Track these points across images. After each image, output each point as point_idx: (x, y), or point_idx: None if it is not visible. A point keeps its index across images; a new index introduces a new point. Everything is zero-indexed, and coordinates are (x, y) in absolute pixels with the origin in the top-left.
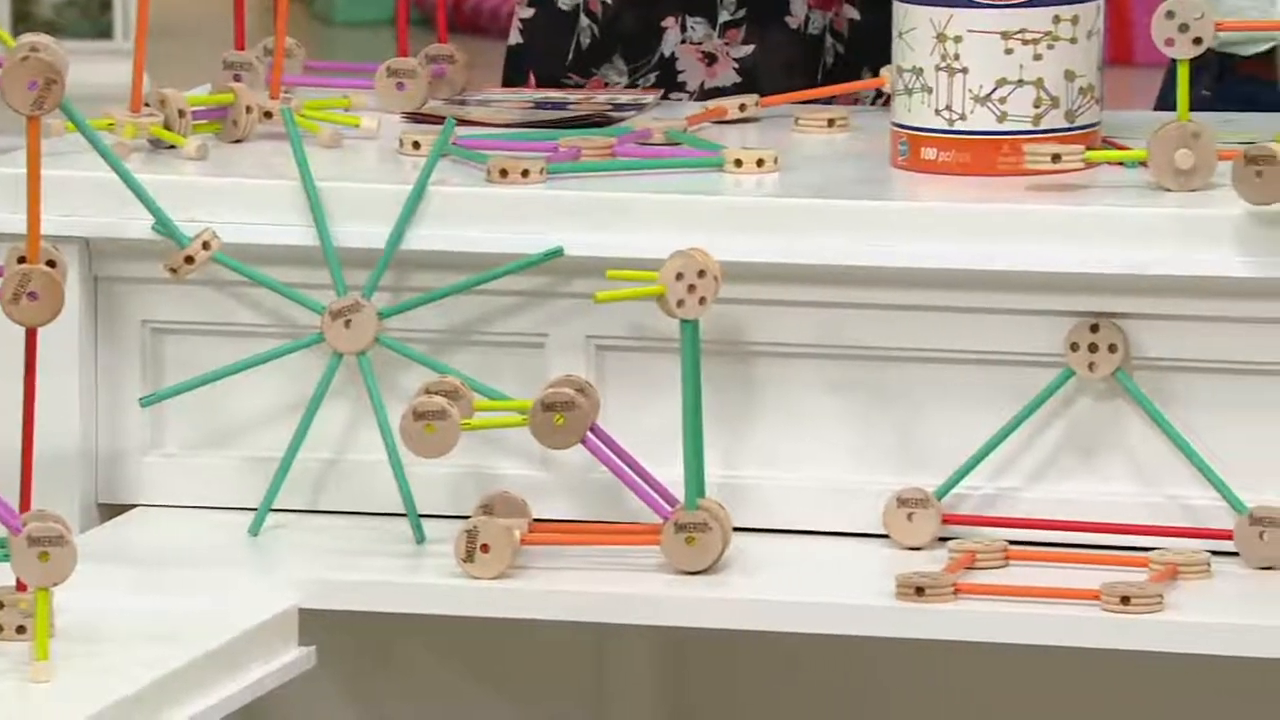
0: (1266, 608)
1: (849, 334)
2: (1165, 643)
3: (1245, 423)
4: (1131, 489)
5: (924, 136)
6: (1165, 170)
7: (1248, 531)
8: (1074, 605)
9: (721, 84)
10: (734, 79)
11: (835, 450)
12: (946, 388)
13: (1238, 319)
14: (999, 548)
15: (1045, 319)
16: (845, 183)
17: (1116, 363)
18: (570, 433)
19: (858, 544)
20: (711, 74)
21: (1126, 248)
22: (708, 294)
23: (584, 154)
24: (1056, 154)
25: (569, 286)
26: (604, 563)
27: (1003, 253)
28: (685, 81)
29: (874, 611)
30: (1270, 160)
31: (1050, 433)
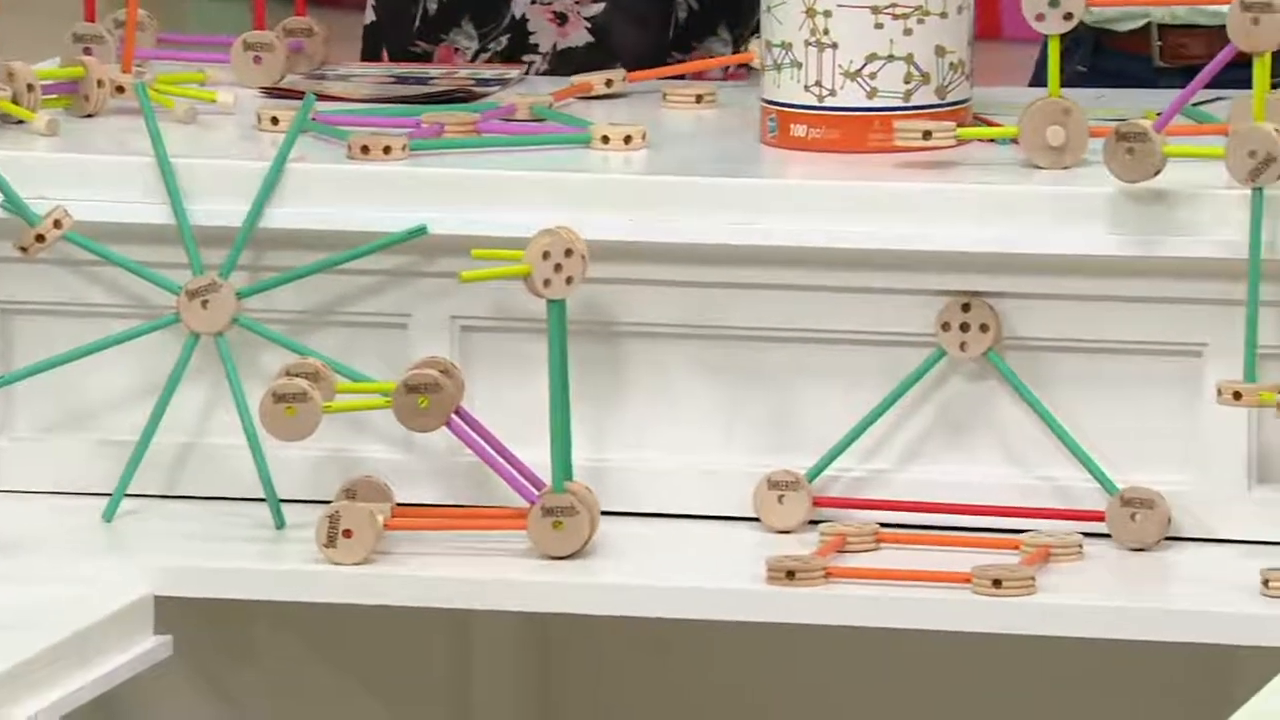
0: (1138, 589)
1: (718, 314)
2: (1037, 626)
3: (1117, 403)
4: (1003, 470)
5: (793, 113)
6: (1037, 147)
7: (1119, 512)
8: (946, 588)
9: (574, 44)
10: (586, 38)
11: (705, 432)
12: (817, 369)
13: (1110, 298)
14: (870, 530)
15: (916, 298)
16: (714, 160)
17: (988, 342)
18: (434, 415)
19: (727, 527)
20: (563, 34)
21: (998, 226)
22: (575, 273)
23: (447, 130)
24: (928, 131)
25: (433, 266)
26: (469, 548)
27: (873, 231)
28: (537, 43)
29: (744, 596)
30: (1142, 137)
31: (922, 414)
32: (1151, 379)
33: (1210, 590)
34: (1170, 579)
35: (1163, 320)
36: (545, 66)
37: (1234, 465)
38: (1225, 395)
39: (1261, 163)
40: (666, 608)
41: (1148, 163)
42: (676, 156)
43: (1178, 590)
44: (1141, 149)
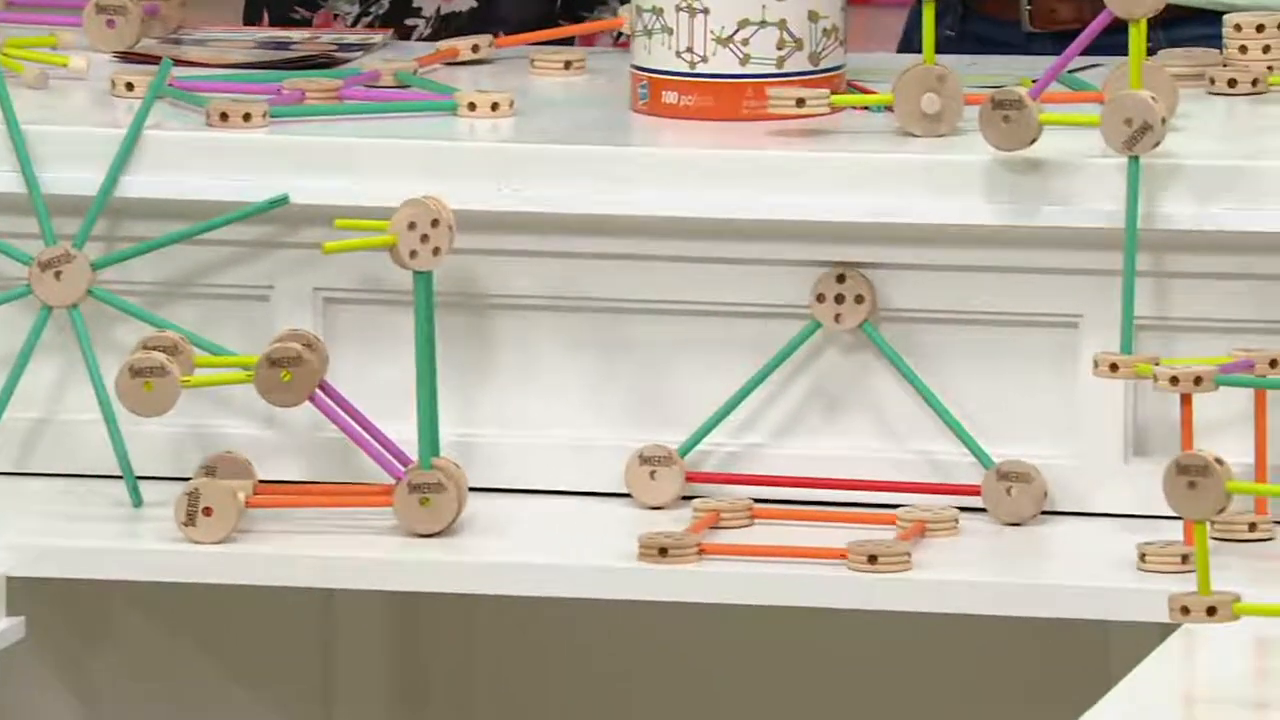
0: (1014, 564)
1: (588, 286)
2: (913, 602)
3: (993, 376)
4: (879, 444)
5: (664, 80)
6: (911, 115)
7: (995, 487)
8: (820, 565)
9: (458, 8)
10: (470, 3)
11: (574, 406)
12: (689, 341)
13: (986, 268)
14: (744, 506)
15: (790, 269)
16: (583, 128)
17: (863, 314)
18: (297, 390)
19: (598, 503)
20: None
21: (873, 195)
22: (441, 244)
23: (309, 97)
24: (801, 98)
25: (295, 236)
26: (334, 525)
27: (746, 201)
28: (421, 7)
29: (616, 573)
30: (1017, 105)
31: (796, 387)
32: (1028, 351)
33: (1086, 565)
34: (1046, 554)
35: (1039, 291)
36: (428, 31)
37: (1111, 438)
38: (1102, 367)
39: (1138, 131)
40: (536, 586)
41: (1023, 130)
42: (545, 124)
43: (1053, 565)
44: (1017, 116)
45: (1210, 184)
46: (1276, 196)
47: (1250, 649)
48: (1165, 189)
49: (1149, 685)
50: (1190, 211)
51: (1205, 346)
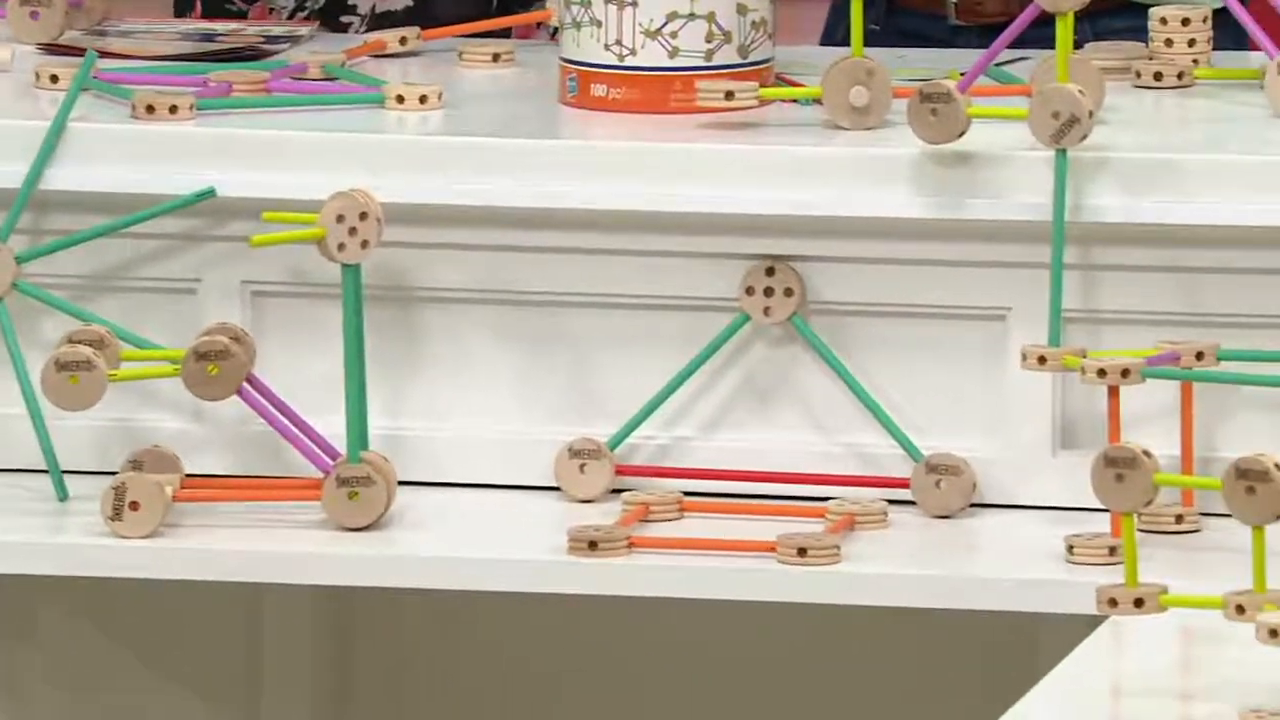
0: (942, 557)
1: (517, 279)
2: (842, 595)
3: (922, 368)
4: (808, 437)
5: (593, 72)
6: (840, 108)
7: (924, 480)
8: (750, 558)
9: (393, 7)
10: (406, 2)
11: (504, 400)
12: (619, 334)
13: (915, 261)
14: (674, 499)
15: (719, 262)
16: (512, 121)
17: (793, 307)
18: (225, 383)
19: (528, 497)
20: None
21: (802, 188)
22: (370, 237)
23: (236, 89)
24: (730, 91)
25: (222, 229)
26: (262, 520)
27: (675, 194)
28: (356, 4)
29: (545, 567)
30: (945, 98)
31: (725, 380)
32: (956, 344)
33: (1015, 557)
34: (975, 546)
35: (967, 284)
36: (364, 29)
37: (1039, 431)
38: (1030, 360)
39: (1065, 124)
40: (466, 580)
41: (952, 124)
42: (473, 117)
43: (982, 558)
44: (945, 110)
45: (1137, 177)
46: (1203, 189)
47: (1177, 640)
48: (1092, 182)
49: (1077, 677)
50: (1117, 204)
51: (1132, 339)
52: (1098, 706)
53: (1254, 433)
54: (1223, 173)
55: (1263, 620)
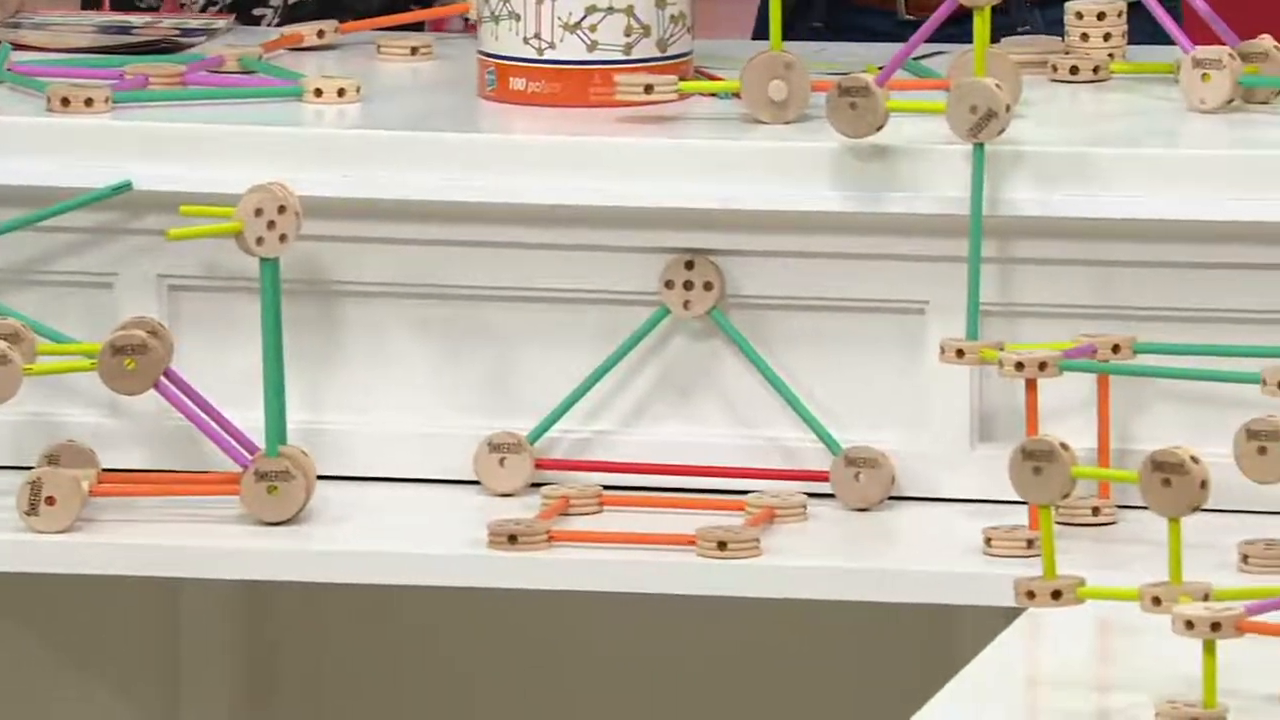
0: (861, 550)
1: (436, 273)
2: (761, 588)
3: (841, 361)
4: (728, 431)
5: (512, 66)
6: (759, 102)
7: (843, 473)
8: (670, 551)
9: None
10: None
11: (423, 394)
12: (538, 328)
13: (834, 254)
14: (594, 493)
15: (639, 256)
16: (431, 114)
17: (712, 300)
18: (142, 377)
19: (448, 491)
20: None
21: (721, 182)
22: (288, 231)
23: (152, 82)
24: (649, 85)
25: (139, 223)
26: (180, 514)
27: (594, 187)
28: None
29: (465, 561)
30: (864, 92)
31: (645, 374)
32: (875, 337)
33: (933, 550)
34: (894, 539)
35: (886, 277)
36: (276, 21)
37: (957, 424)
38: (948, 353)
39: (982, 118)
40: (385, 574)
41: (870, 117)
42: (392, 110)
43: (901, 550)
44: (864, 104)
45: (1054, 171)
46: (1119, 183)
47: (1094, 632)
48: (1009, 176)
49: (994, 669)
50: (1034, 198)
51: (1049, 332)
52: (1015, 698)
53: (1170, 425)
54: (1138, 166)
55: (1178, 612)
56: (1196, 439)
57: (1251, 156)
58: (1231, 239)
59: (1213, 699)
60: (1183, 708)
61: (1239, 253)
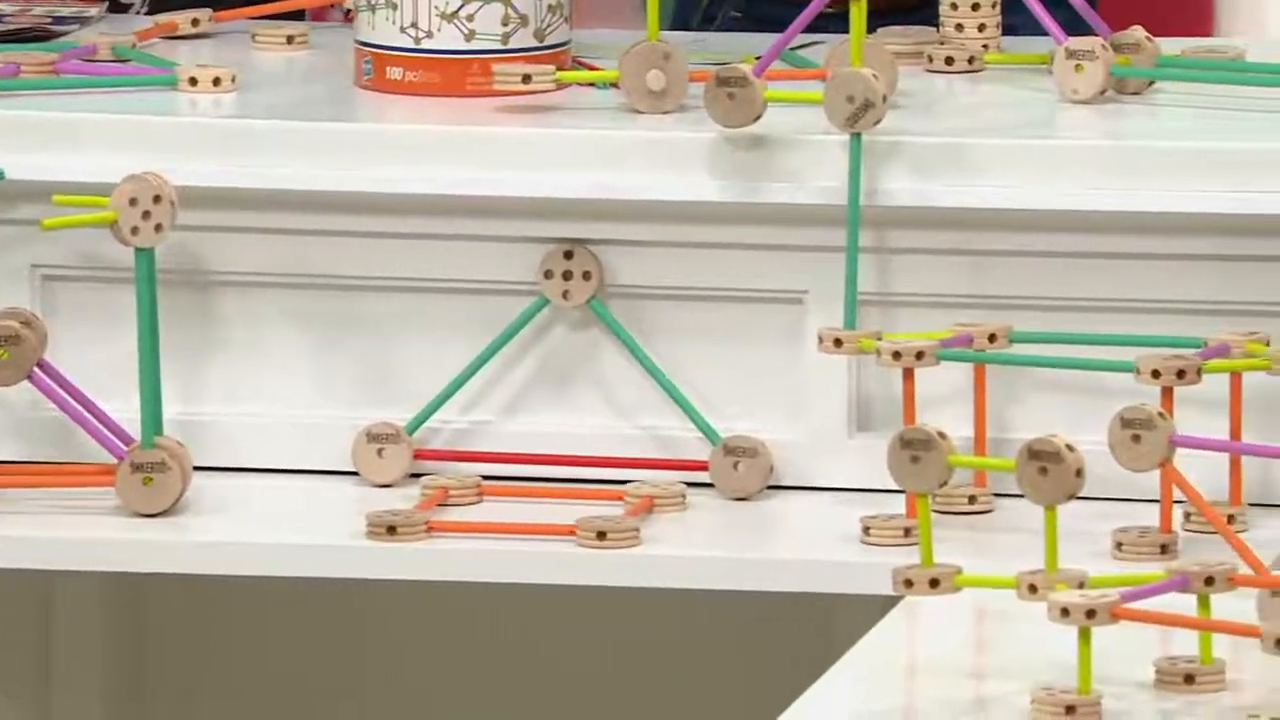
0: (740, 539)
1: (314, 262)
2: (641, 577)
3: (720, 351)
4: (607, 420)
5: (389, 55)
6: (637, 92)
7: (722, 462)
8: (550, 541)
9: None
10: None
11: (301, 384)
12: (416, 318)
13: (712, 244)
14: (473, 484)
15: (517, 246)
16: (308, 103)
17: (591, 290)
18: (15, 368)
19: (326, 482)
20: None
21: (599, 171)
22: (164, 221)
23: (24, 70)
24: (527, 74)
25: (12, 213)
26: (53, 506)
27: (472, 177)
28: None
29: (344, 552)
30: (742, 82)
31: (524, 364)
32: (754, 327)
33: (811, 539)
34: (772, 528)
35: (764, 267)
36: (145, 9)
37: (835, 413)
38: (826, 343)
39: (860, 108)
40: (262, 566)
41: (748, 108)
42: (268, 99)
43: (779, 539)
44: (742, 94)
45: (930, 161)
46: (995, 173)
47: (971, 619)
48: (886, 166)
49: (872, 657)
50: (911, 188)
51: (926, 321)
52: (893, 686)
53: (1046, 414)
54: (1014, 156)
55: (1054, 599)
56: (1072, 427)
57: (1124, 147)
58: (1105, 229)
59: (1087, 685)
60: (1058, 694)
61: (1113, 242)
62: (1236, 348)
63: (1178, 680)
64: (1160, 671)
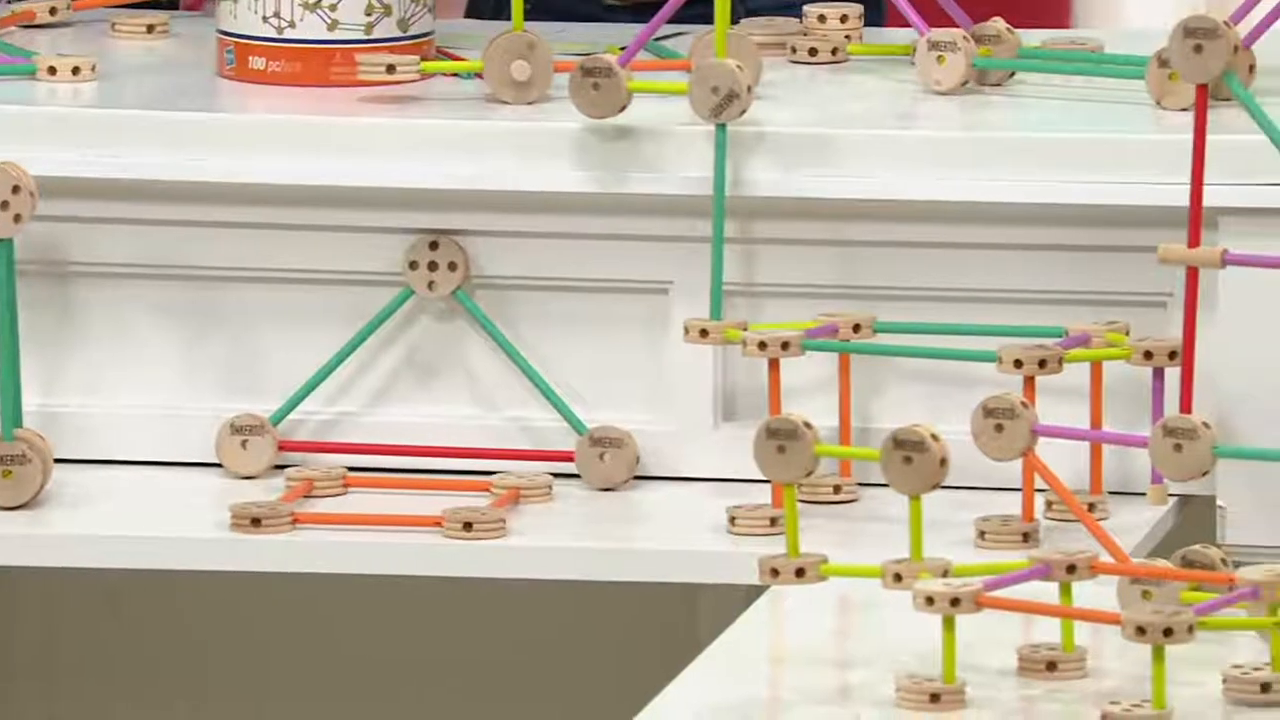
0: (606, 529)
1: (177, 253)
2: (508, 568)
3: (585, 342)
4: (473, 411)
5: (252, 45)
6: (501, 82)
7: (588, 453)
8: (416, 532)
9: None
10: None
11: (165, 376)
12: (281, 309)
13: (578, 235)
14: (338, 475)
15: (383, 236)
16: (169, 93)
17: (457, 281)
18: None
19: (189, 474)
20: None
21: (464, 162)
22: (23, 211)
23: None
24: (391, 64)
25: None
26: None
27: (337, 168)
28: None
29: (207, 544)
30: (607, 72)
31: (390, 355)
32: (620, 317)
33: (678, 529)
34: (638, 518)
35: (630, 258)
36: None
37: (700, 403)
38: (692, 333)
39: (724, 99)
40: (126, 558)
41: (613, 98)
42: (129, 89)
43: (645, 530)
44: (607, 84)
45: (794, 151)
46: (859, 164)
47: (836, 609)
48: (751, 156)
49: (738, 646)
50: (775, 178)
51: (792, 312)
52: (758, 675)
53: (910, 404)
54: (878, 147)
55: (919, 588)
56: (936, 417)
57: (986, 138)
58: (967, 219)
59: (952, 673)
60: (923, 682)
61: (975, 233)
62: (1097, 337)
63: (1040, 667)
64: (1023, 659)
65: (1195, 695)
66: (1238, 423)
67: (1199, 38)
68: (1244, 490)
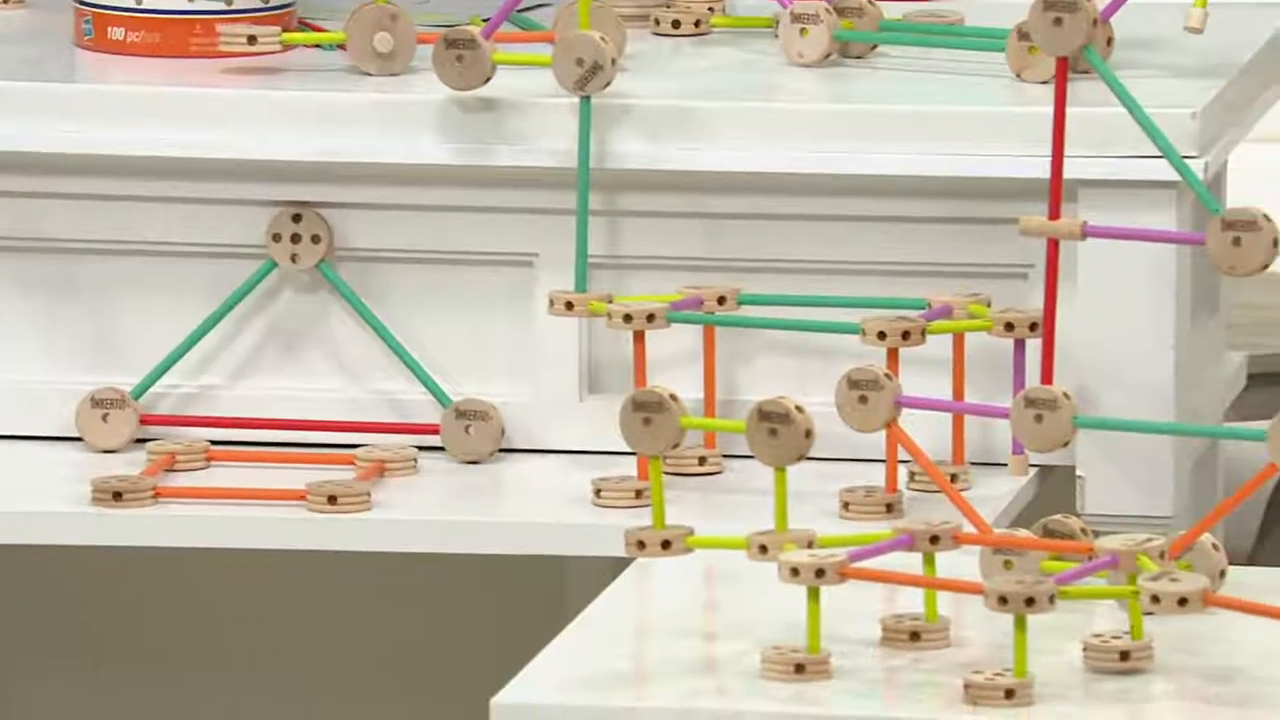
0: (472, 502)
1: (35, 226)
2: (373, 542)
3: (451, 314)
4: (337, 384)
5: (110, 15)
6: (364, 53)
7: (454, 425)
8: (280, 506)
9: None
10: None
11: (22, 349)
12: (142, 282)
13: (443, 207)
14: (200, 449)
15: (244, 209)
16: (26, 63)
17: (320, 254)
18: None
19: (48, 448)
20: None
21: (327, 134)
22: None
23: None
24: (252, 35)
25: None
26: None
27: (197, 139)
28: None
29: (68, 519)
30: (470, 44)
31: (252, 328)
32: (485, 290)
33: (543, 501)
34: (504, 491)
35: (495, 230)
36: None
37: (566, 376)
38: (557, 306)
39: (589, 71)
40: None
41: (477, 70)
42: None
43: (511, 503)
44: (470, 56)
45: (659, 124)
46: (722, 136)
47: (701, 581)
48: (616, 128)
49: (604, 619)
50: (640, 151)
51: (657, 284)
52: (624, 648)
53: (775, 376)
54: (741, 120)
55: (784, 559)
56: (800, 389)
57: (848, 110)
58: (831, 191)
59: (816, 644)
60: (788, 653)
61: (838, 205)
62: (959, 309)
63: (904, 637)
64: (887, 629)
65: (1056, 663)
66: (1097, 394)
67: (1058, 10)
68: (1103, 461)
